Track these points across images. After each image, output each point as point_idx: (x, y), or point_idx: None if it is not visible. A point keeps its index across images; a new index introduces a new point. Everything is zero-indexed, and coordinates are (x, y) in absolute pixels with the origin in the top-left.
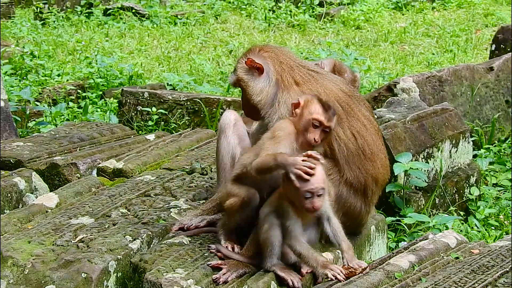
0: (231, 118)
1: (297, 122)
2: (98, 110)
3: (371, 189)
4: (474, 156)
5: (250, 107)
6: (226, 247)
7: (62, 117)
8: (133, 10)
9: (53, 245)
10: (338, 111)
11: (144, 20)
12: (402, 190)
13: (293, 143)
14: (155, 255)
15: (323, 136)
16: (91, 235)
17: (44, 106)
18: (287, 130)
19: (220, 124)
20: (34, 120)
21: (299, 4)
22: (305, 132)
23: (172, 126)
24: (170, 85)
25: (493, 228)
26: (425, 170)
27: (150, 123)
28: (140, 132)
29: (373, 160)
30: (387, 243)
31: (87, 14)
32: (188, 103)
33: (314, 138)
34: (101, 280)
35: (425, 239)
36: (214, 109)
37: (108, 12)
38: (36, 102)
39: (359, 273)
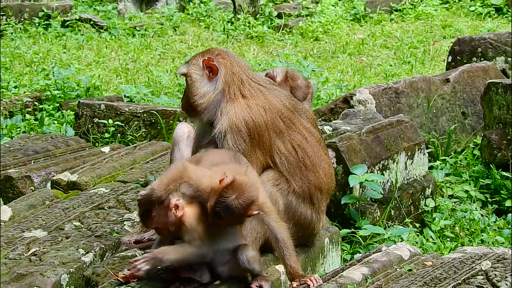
0: (184, 130)
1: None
2: (55, 122)
3: (316, 197)
4: (430, 167)
5: (189, 104)
6: None
7: (18, 129)
8: (91, 22)
9: (5, 258)
10: (280, 126)
11: (102, 32)
12: (357, 202)
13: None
14: (108, 268)
15: None
16: (43, 248)
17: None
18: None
19: (173, 137)
20: None
21: (257, 16)
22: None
23: (129, 138)
24: (128, 97)
25: (448, 239)
26: (380, 182)
27: (106, 135)
28: (96, 144)
29: (314, 171)
30: (341, 255)
31: (45, 26)
32: (145, 115)
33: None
34: None
35: (379, 251)
36: (171, 121)
37: (66, 23)
38: None
39: None
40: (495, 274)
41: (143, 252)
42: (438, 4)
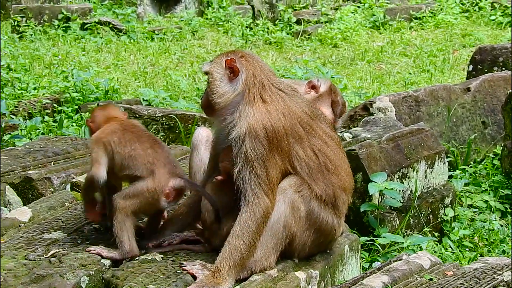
0: (203, 135)
1: None
2: (74, 124)
3: (341, 199)
4: (450, 177)
5: (208, 102)
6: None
7: (37, 131)
8: (110, 25)
9: (25, 259)
10: (299, 132)
11: (121, 35)
12: (376, 210)
13: None
14: (127, 272)
15: None
16: (63, 250)
17: (19, 120)
18: None
19: (192, 141)
20: (9, 134)
21: (276, 22)
22: None
23: None
24: (146, 100)
25: (467, 249)
26: (400, 190)
27: None
28: None
29: (337, 173)
30: (360, 263)
31: (64, 28)
32: (164, 119)
33: None
34: None
35: (399, 260)
36: (189, 125)
37: (86, 26)
38: (11, 116)
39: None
40: None
41: (162, 257)
42: (458, 13)
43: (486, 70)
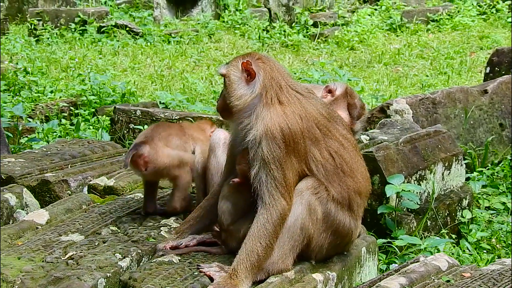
0: (220, 137)
1: None
2: (90, 127)
3: (356, 202)
4: (467, 179)
5: (225, 105)
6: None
7: (54, 133)
8: (127, 28)
9: (42, 261)
10: (316, 134)
11: (138, 38)
12: (393, 212)
13: None
14: (145, 274)
15: None
16: (80, 252)
17: (36, 123)
18: None
19: (210, 144)
20: (26, 137)
21: (293, 24)
22: None
23: None
24: (163, 103)
25: (485, 251)
26: (417, 192)
27: None
28: None
29: (353, 176)
30: (378, 265)
31: (81, 32)
32: (180, 121)
33: None
34: None
35: (416, 262)
36: None
37: (102, 29)
38: (28, 119)
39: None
40: None
41: (179, 259)
42: (475, 15)
43: (503, 72)
